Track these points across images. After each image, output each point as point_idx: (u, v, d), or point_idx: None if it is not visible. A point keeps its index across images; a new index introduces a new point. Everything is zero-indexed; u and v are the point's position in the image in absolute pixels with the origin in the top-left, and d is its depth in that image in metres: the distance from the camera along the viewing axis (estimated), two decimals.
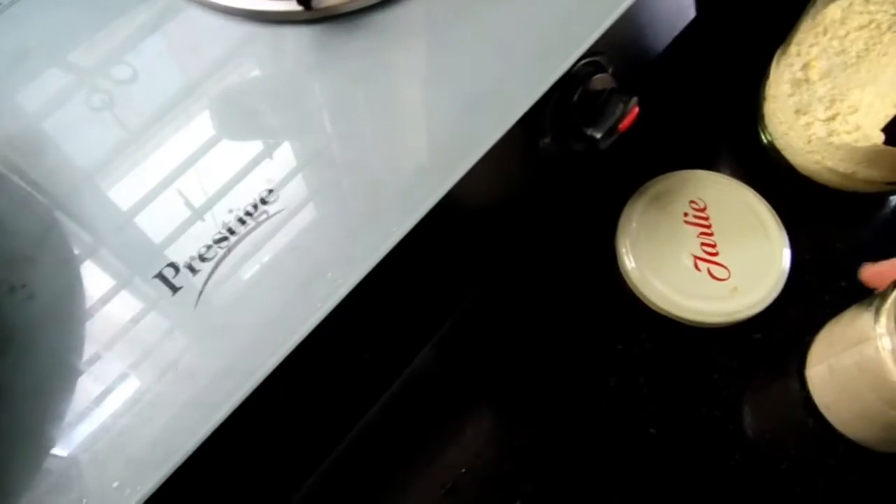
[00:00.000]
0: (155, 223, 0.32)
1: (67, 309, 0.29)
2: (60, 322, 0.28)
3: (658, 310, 0.40)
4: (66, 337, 0.28)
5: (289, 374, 0.29)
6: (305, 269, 0.30)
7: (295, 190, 0.32)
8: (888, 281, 0.33)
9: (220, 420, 0.27)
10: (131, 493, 0.25)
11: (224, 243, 0.31)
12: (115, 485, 0.25)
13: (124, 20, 0.39)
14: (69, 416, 0.27)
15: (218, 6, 0.37)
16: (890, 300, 0.31)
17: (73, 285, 0.29)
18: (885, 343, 0.30)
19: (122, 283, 0.30)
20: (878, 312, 0.31)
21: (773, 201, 0.42)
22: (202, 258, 0.30)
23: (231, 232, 0.31)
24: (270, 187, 0.32)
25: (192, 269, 0.30)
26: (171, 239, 0.31)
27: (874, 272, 0.34)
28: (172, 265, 0.30)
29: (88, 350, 0.28)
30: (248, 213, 0.31)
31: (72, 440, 0.26)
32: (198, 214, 0.31)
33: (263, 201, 0.32)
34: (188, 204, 0.32)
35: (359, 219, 0.32)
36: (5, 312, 0.28)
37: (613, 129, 0.37)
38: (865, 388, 0.32)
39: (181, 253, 0.30)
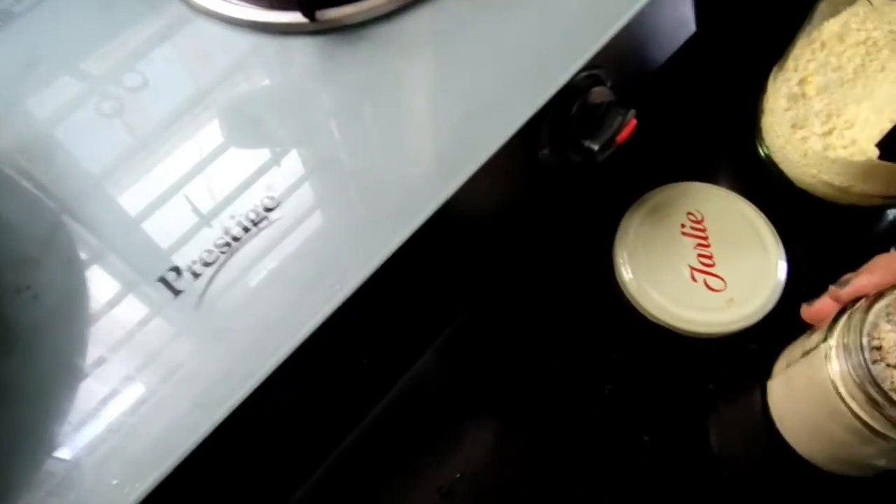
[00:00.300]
0: (159, 228, 0.32)
1: (72, 310, 0.29)
2: (65, 323, 0.29)
3: (655, 320, 0.40)
4: (70, 338, 0.29)
5: (287, 376, 0.30)
6: (305, 275, 0.31)
7: (296, 197, 0.33)
8: (825, 317, 0.33)
9: (219, 420, 0.27)
10: (130, 491, 0.26)
11: (226, 248, 0.31)
12: (115, 482, 0.26)
13: (135, 29, 0.40)
14: (72, 416, 0.27)
15: (224, 17, 0.38)
16: (840, 324, 0.31)
17: (77, 287, 0.30)
18: (833, 366, 0.31)
19: (126, 286, 0.30)
20: (828, 333, 0.32)
21: (770, 214, 0.43)
22: (204, 263, 0.31)
23: (233, 237, 0.31)
24: (272, 194, 0.33)
25: (195, 274, 0.30)
26: (175, 243, 0.31)
27: (812, 311, 0.34)
28: (175, 269, 0.31)
29: (91, 351, 0.29)
30: (250, 219, 0.32)
31: (73, 439, 0.27)
32: (201, 220, 0.32)
33: (266, 208, 0.32)
34: (192, 209, 0.32)
35: (358, 226, 0.32)
36: (11, 313, 0.29)
37: (611, 141, 0.38)
38: (813, 403, 0.33)
39: (184, 257, 0.31)
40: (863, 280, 0.32)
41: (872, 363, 0.29)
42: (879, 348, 0.29)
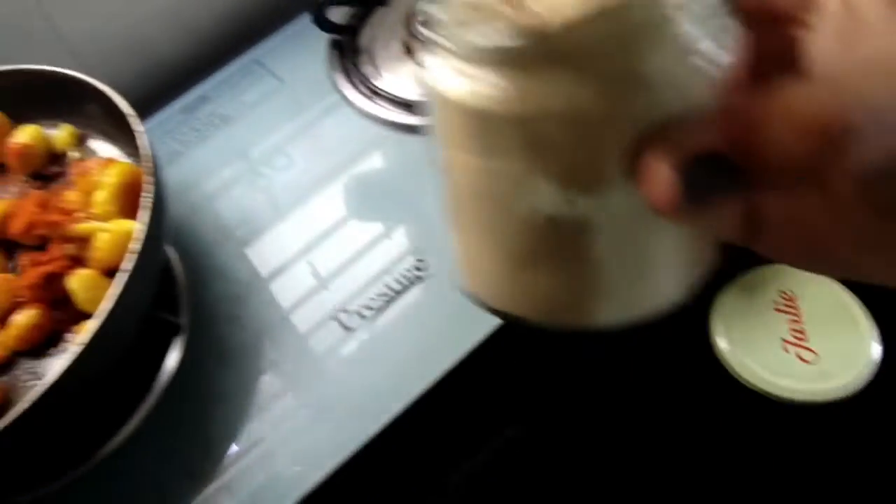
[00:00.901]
0: (332, 280, 0.41)
1: (268, 335, 0.38)
2: (263, 344, 0.38)
3: (750, 386, 0.44)
4: (267, 356, 0.37)
5: (432, 399, 0.36)
6: (442, 323, 0.38)
7: (437, 260, 0.41)
8: None
9: (380, 428, 0.34)
10: (309, 478, 0.33)
11: (384, 297, 0.39)
12: (298, 469, 0.33)
13: (300, 113, 0.50)
14: (264, 414, 0.35)
15: (371, 115, 0.48)
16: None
17: (271, 318, 0.39)
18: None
19: (308, 320, 0.39)
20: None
21: (863, 297, 0.46)
22: (368, 307, 0.39)
23: (390, 289, 0.39)
24: (420, 257, 0.41)
25: (361, 315, 0.38)
26: (345, 291, 0.40)
27: None
28: (345, 310, 0.39)
29: (282, 367, 0.37)
30: (403, 276, 0.40)
31: (264, 432, 0.35)
32: (366, 273, 0.40)
33: (416, 268, 0.40)
34: (361, 265, 0.41)
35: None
36: (226, 336, 0.38)
37: None
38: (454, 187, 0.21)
39: (353, 302, 0.39)
40: None
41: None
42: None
